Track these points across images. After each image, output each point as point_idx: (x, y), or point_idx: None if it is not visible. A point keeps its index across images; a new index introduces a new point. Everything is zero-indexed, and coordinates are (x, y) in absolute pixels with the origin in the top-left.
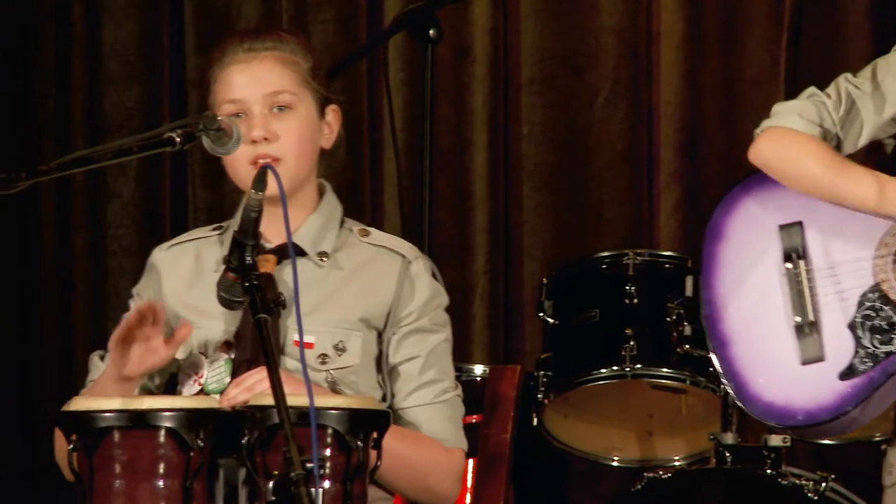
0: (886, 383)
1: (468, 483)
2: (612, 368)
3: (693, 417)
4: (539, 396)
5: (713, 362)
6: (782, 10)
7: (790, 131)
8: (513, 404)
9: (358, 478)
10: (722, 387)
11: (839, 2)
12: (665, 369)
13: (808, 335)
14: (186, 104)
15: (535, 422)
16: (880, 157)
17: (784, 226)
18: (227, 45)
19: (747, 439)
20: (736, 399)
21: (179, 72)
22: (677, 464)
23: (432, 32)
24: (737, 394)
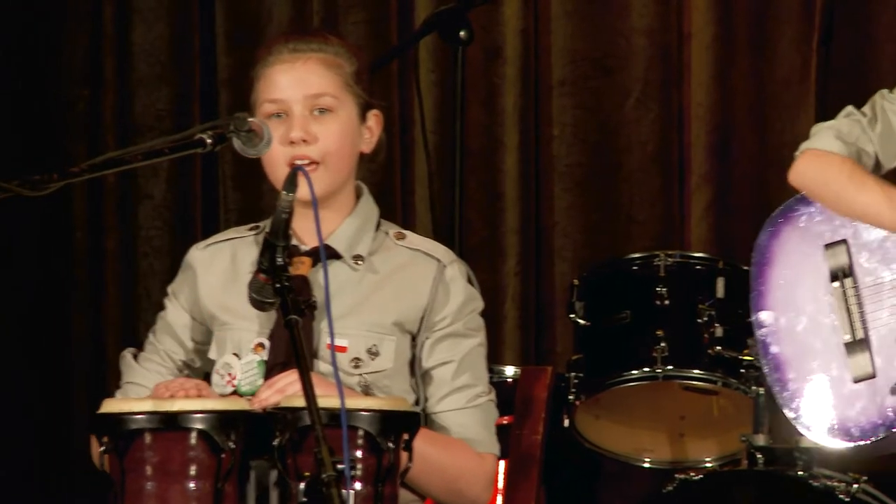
0: None
1: (499, 484)
2: (644, 370)
3: (724, 419)
4: (570, 398)
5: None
6: (813, 11)
7: (827, 154)
8: (544, 406)
9: (389, 479)
10: (753, 388)
11: (870, 2)
12: (696, 371)
13: (857, 353)
14: (217, 105)
15: (567, 423)
16: None
17: (829, 245)
18: (272, 44)
19: (779, 441)
20: (793, 422)
21: (210, 73)
22: (709, 465)
23: (463, 34)
24: (793, 418)
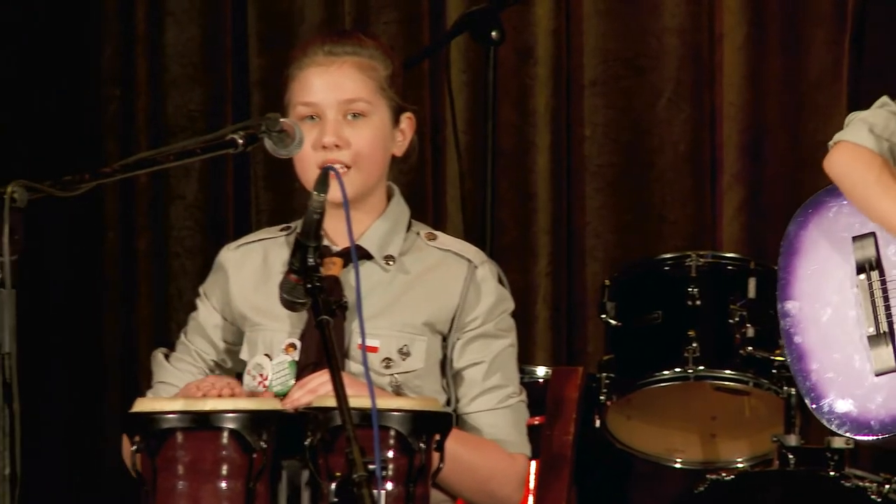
0: None
1: (531, 485)
2: (675, 370)
3: (756, 419)
4: (602, 398)
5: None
6: (845, 11)
7: (858, 149)
8: (575, 406)
9: (420, 480)
10: (785, 389)
11: None
12: (728, 371)
13: (881, 346)
14: (249, 106)
15: (598, 423)
16: None
17: (857, 237)
18: (307, 46)
19: (810, 441)
20: (814, 413)
21: (242, 74)
22: (740, 466)
23: (495, 34)
24: (814, 407)
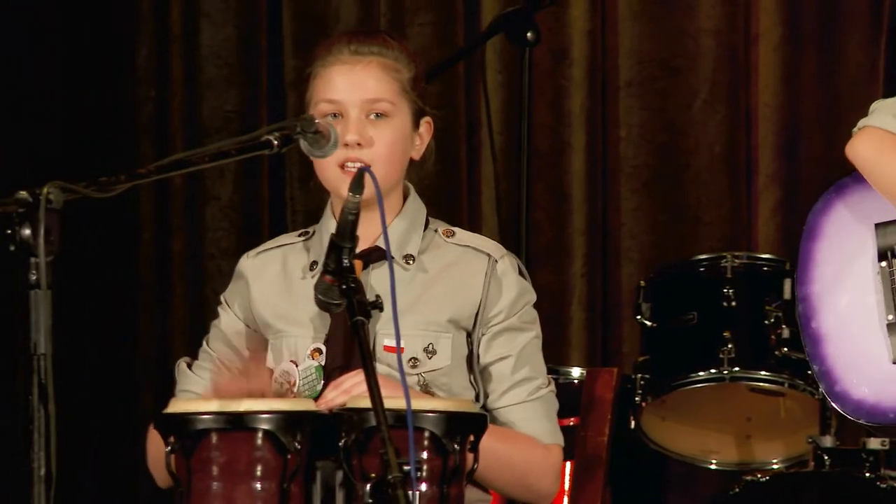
0: None
1: (565, 486)
2: (710, 371)
3: (791, 420)
4: (637, 399)
5: (809, 362)
6: (881, 12)
7: (884, 133)
8: (609, 407)
9: (455, 481)
10: (821, 389)
11: None
12: (763, 372)
13: None
14: (284, 107)
15: (633, 424)
16: None
17: (880, 224)
18: (332, 44)
19: (846, 442)
20: (826, 396)
21: (277, 75)
22: (775, 467)
23: (530, 35)
24: (827, 391)
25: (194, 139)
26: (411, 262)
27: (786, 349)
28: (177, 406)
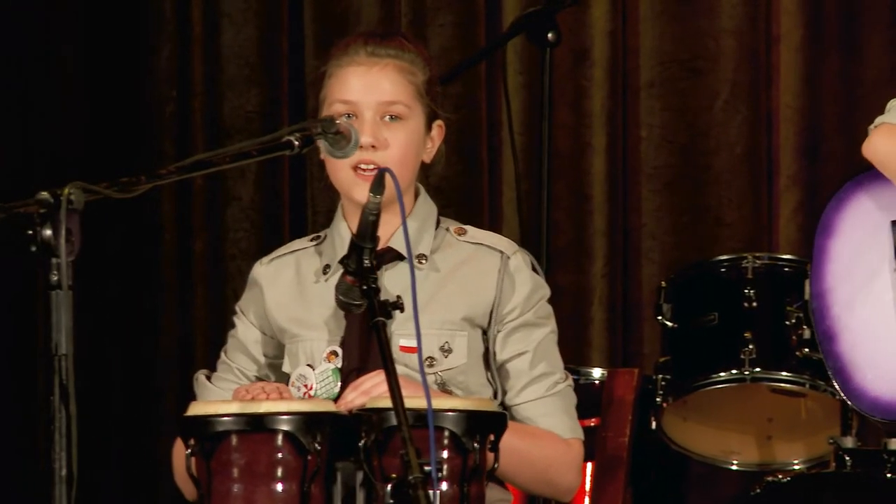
0: None
1: (586, 486)
2: (732, 372)
3: (812, 421)
4: (658, 400)
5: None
6: None
7: None
8: (630, 407)
9: (475, 479)
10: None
11: None
12: (785, 373)
13: None
14: (305, 108)
15: (654, 425)
16: None
17: None
18: (349, 44)
19: (867, 443)
20: (841, 393)
21: (298, 75)
22: (796, 468)
23: (551, 35)
24: (842, 388)
25: (215, 139)
26: (424, 261)
27: (807, 350)
28: (197, 409)
